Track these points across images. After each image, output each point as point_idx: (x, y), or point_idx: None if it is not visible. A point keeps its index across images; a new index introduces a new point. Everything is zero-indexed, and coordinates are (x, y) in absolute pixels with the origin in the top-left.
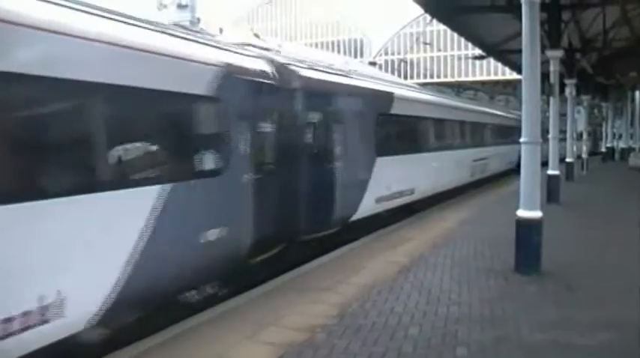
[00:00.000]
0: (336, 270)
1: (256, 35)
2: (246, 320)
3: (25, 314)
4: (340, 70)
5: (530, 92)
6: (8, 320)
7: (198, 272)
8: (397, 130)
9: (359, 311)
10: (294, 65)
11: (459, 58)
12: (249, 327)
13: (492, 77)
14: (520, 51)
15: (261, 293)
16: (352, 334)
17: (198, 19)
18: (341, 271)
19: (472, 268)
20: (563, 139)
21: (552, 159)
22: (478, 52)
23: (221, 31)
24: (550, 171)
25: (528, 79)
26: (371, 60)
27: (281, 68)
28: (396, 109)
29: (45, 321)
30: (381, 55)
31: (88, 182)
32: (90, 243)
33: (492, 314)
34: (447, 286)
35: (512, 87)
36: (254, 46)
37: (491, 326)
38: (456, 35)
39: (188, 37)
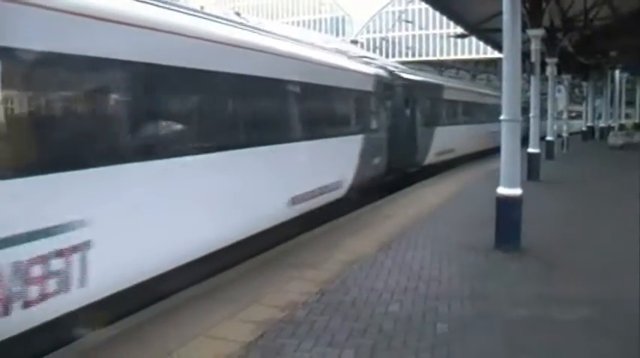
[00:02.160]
0: (317, 247)
1: (237, 13)
2: (228, 299)
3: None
4: None
5: (511, 71)
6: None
7: None
8: None
9: (340, 288)
10: None
11: (440, 37)
12: (231, 306)
13: (474, 56)
14: (501, 30)
15: (242, 271)
16: (333, 311)
17: None
18: (323, 248)
19: (453, 245)
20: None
21: (533, 138)
22: (460, 30)
23: (202, 9)
24: (530, 150)
25: (509, 57)
26: (353, 38)
27: None
28: None
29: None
30: (362, 33)
31: None
32: None
33: (473, 291)
34: (428, 263)
35: (494, 65)
36: None
37: (471, 303)
38: (437, 14)
39: None
